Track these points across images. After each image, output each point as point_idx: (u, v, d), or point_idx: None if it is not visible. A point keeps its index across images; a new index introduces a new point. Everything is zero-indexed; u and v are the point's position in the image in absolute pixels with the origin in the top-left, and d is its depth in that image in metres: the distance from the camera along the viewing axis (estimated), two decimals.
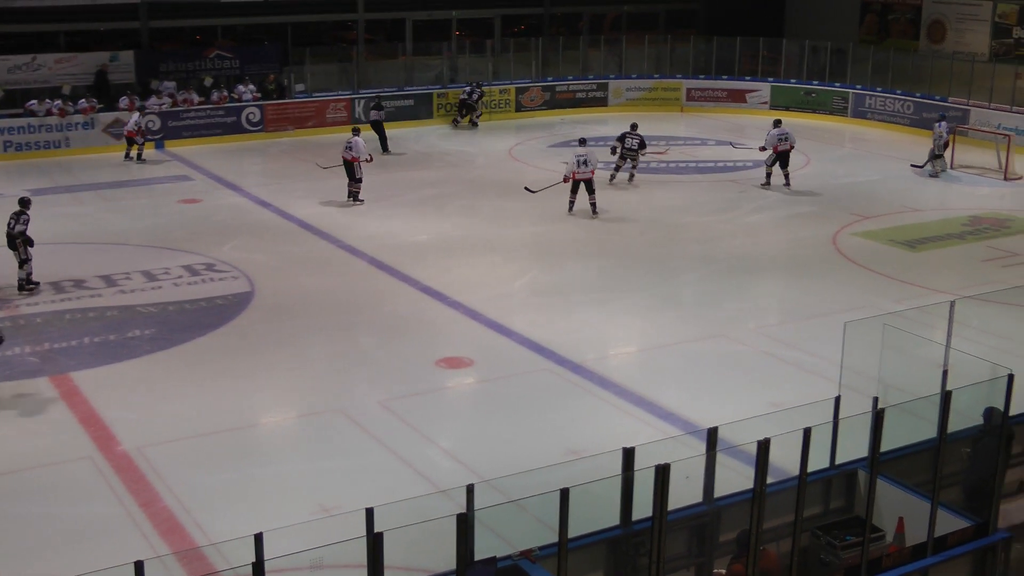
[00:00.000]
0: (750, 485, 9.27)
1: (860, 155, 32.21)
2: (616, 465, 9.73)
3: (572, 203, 24.84)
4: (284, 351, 17.15)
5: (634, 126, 28.55)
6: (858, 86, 37.55)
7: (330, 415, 14.97)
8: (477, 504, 8.85)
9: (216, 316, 18.51)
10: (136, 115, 30.56)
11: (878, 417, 10.07)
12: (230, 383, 16.03)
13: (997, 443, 11.04)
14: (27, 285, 19.44)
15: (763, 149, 27.84)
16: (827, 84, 38.23)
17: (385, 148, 31.62)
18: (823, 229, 24.03)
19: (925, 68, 37.18)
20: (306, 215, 24.80)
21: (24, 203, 19.84)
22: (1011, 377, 10.72)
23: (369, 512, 8.13)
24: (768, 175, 27.79)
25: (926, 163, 29.51)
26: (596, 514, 10.32)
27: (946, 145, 29.30)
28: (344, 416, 14.90)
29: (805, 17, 43.21)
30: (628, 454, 9.70)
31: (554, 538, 8.94)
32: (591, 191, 24.62)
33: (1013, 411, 11.31)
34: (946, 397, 10.34)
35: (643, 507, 9.29)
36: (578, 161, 24.44)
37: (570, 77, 38.56)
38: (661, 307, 19.38)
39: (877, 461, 10.24)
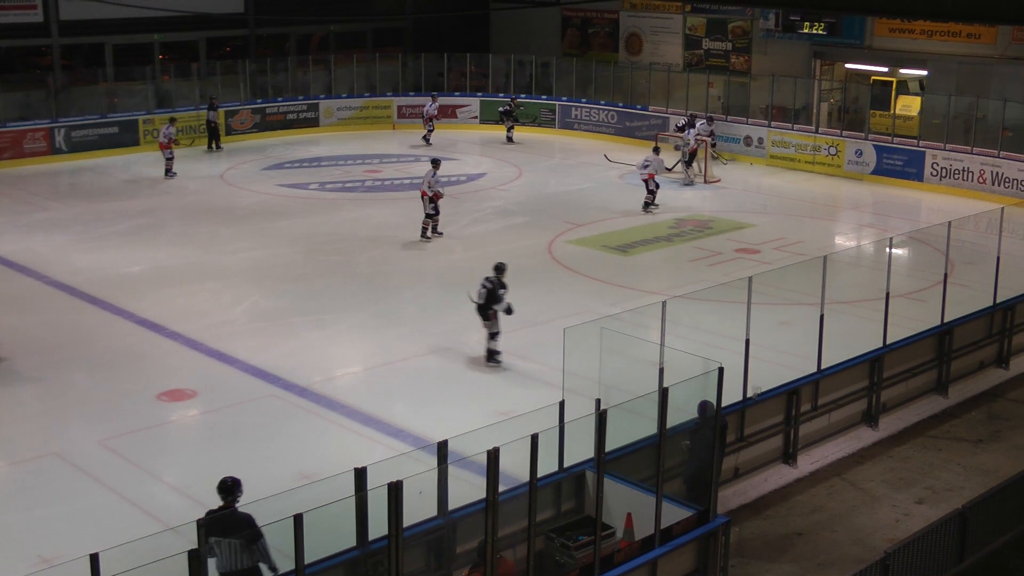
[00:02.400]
0: (483, 495, 9.38)
1: (570, 165, 33.18)
2: (349, 486, 9.67)
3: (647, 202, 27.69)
4: None
5: (691, 116, 32.65)
6: (564, 98, 38.73)
7: (45, 460, 14.23)
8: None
9: None
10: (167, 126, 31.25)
11: (601, 418, 10.38)
12: None
13: (712, 434, 11.57)
14: None
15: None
16: (534, 97, 39.24)
17: (217, 147, 34.56)
18: (538, 238, 24.61)
19: (625, 79, 38.71)
20: (7, 252, 23.51)
21: None
22: (721, 370, 11.26)
23: (94, 558, 7.79)
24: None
25: (686, 171, 30.60)
26: (332, 537, 10.22)
27: (693, 152, 30.53)
28: (61, 459, 14.21)
29: (509, 32, 44.19)
30: (360, 474, 9.66)
31: (291, 564, 8.80)
32: (648, 191, 27.40)
33: (724, 402, 11.90)
34: (663, 394, 10.76)
35: (379, 525, 9.26)
36: (641, 164, 27.66)
37: (280, 99, 38.15)
38: (384, 325, 19.39)
39: (603, 461, 10.56)
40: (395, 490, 8.72)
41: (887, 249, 18.74)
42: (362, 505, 9.77)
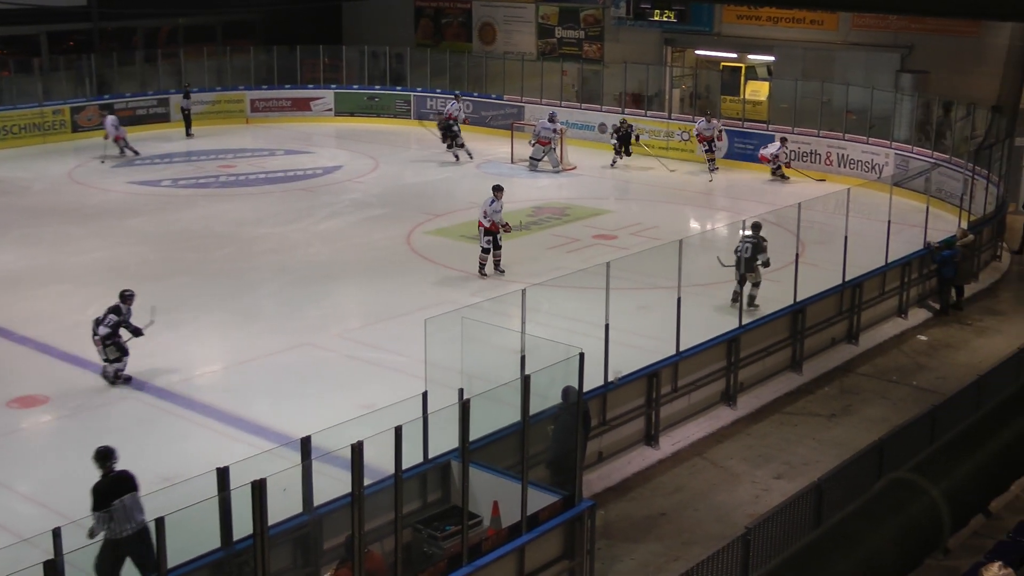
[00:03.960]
0: (348, 489, 9.32)
1: (426, 156, 33.08)
2: (212, 487, 9.52)
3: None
4: None
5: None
6: (419, 89, 38.61)
7: None
8: (66, 547, 8.41)
9: None
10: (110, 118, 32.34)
11: (464, 408, 10.40)
12: None
13: (575, 419, 11.69)
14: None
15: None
16: (389, 88, 39.05)
17: (188, 134, 35.39)
18: (396, 230, 24.51)
19: (480, 69, 38.76)
20: None
21: (124, 298, 16.69)
22: (582, 356, 11.37)
23: None
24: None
25: (539, 159, 30.71)
26: (196, 539, 10.05)
27: (549, 142, 30.63)
28: None
29: (362, 23, 43.86)
30: (222, 474, 9.54)
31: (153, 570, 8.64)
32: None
33: (586, 387, 12.03)
34: (526, 381, 10.82)
35: (244, 525, 9.14)
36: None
37: (128, 94, 37.22)
38: (242, 322, 19.11)
39: (467, 450, 10.58)
40: (258, 488, 8.62)
41: (740, 231, 19.14)
42: (225, 505, 9.63)
